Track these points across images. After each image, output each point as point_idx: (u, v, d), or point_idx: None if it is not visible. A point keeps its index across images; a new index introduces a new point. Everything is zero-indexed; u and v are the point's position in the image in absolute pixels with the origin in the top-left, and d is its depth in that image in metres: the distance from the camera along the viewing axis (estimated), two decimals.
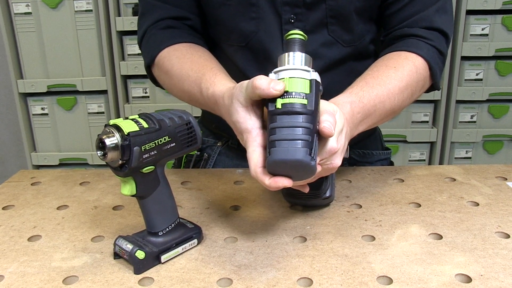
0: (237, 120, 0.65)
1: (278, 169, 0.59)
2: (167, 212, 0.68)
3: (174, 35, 0.90)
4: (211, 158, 1.04)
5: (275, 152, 0.58)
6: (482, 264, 0.64)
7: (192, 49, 0.88)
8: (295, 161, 0.57)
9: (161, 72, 0.90)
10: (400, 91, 0.80)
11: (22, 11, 2.10)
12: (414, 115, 2.23)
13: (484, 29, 2.08)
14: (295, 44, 0.64)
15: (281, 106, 0.59)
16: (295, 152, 0.57)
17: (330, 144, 0.62)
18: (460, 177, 0.93)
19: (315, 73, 0.62)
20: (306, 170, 0.59)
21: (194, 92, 0.81)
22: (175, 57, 0.86)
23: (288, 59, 0.63)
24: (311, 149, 0.58)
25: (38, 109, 2.26)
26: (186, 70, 0.83)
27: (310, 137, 0.58)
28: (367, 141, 1.05)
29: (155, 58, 0.90)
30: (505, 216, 0.77)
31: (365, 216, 0.78)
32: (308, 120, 0.59)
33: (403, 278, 0.61)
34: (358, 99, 0.74)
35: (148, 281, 0.62)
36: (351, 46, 0.90)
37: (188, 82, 0.82)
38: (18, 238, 0.73)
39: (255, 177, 0.61)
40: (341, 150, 0.66)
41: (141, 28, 0.94)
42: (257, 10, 0.86)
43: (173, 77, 0.86)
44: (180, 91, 0.86)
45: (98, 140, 0.59)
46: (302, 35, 0.65)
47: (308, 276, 0.62)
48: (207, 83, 0.77)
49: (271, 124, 0.60)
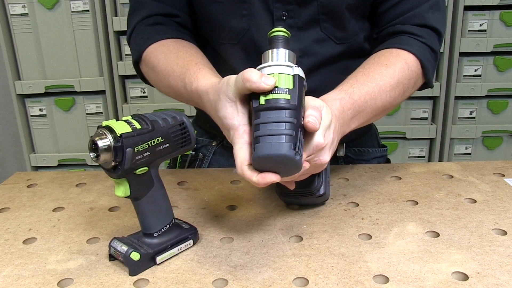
0: (224, 115, 0.64)
1: (264, 165, 0.59)
2: (162, 213, 0.67)
3: (161, 31, 0.89)
4: (206, 158, 1.04)
5: (259, 147, 0.58)
6: (479, 262, 0.64)
7: (179, 44, 0.87)
8: (279, 156, 0.57)
9: (147, 68, 0.89)
10: (391, 88, 0.79)
11: (18, 12, 2.10)
12: (413, 112, 2.23)
13: (482, 25, 2.07)
14: (278, 41, 0.65)
15: (264, 102, 0.60)
16: (279, 147, 0.57)
17: (317, 139, 0.62)
18: (458, 174, 0.92)
19: (298, 68, 0.62)
20: (292, 165, 0.59)
21: (179, 87, 0.80)
22: (161, 52, 0.86)
23: (271, 56, 0.64)
24: (296, 144, 0.58)
25: (36, 110, 2.26)
26: (171, 65, 0.82)
27: (294, 131, 0.58)
28: (363, 139, 1.05)
29: (142, 54, 0.89)
30: (502, 213, 0.77)
31: (362, 214, 0.78)
32: (291, 115, 0.59)
33: (400, 277, 0.61)
34: (348, 96, 0.74)
35: (143, 282, 0.62)
36: (344, 44, 0.90)
37: (173, 77, 0.81)
38: (13, 241, 0.73)
39: (241, 175, 0.60)
40: (329, 146, 0.65)
41: (130, 25, 0.93)
42: (249, 7, 0.86)
43: (159, 72, 0.85)
44: (166, 86, 0.86)
45: (90, 142, 0.59)
46: (285, 32, 0.65)
47: (304, 275, 0.62)
48: (190, 78, 0.76)
49: (255, 120, 0.60)
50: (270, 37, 0.66)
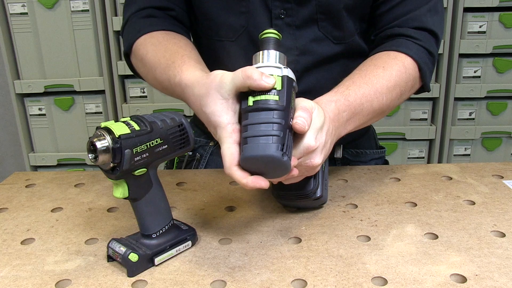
0: (212, 112, 0.64)
1: (252, 166, 0.59)
2: (161, 214, 0.67)
3: (153, 23, 0.88)
4: (203, 158, 1.04)
5: (247, 148, 0.58)
6: (477, 264, 0.64)
7: (169, 36, 0.86)
8: (266, 157, 0.58)
9: (137, 60, 0.89)
10: (388, 91, 0.79)
11: (18, 11, 2.10)
12: (412, 113, 2.23)
13: (481, 27, 2.07)
14: (269, 42, 0.65)
15: (252, 103, 0.60)
16: (266, 148, 0.57)
17: (307, 141, 0.62)
18: (457, 175, 0.92)
19: (288, 69, 0.63)
20: (279, 166, 0.59)
21: (163, 80, 0.80)
22: (150, 44, 0.85)
23: (262, 57, 0.65)
24: (283, 145, 0.58)
25: (36, 109, 2.26)
26: (158, 58, 0.81)
27: (281, 132, 0.58)
28: (361, 140, 1.05)
29: (132, 45, 0.88)
30: (501, 215, 0.77)
31: (360, 216, 0.78)
32: (279, 116, 0.59)
33: (398, 279, 0.61)
34: (344, 98, 0.74)
35: (141, 284, 0.62)
36: (341, 43, 0.90)
37: (159, 69, 0.81)
38: (11, 242, 0.73)
39: (230, 175, 0.60)
40: (321, 148, 0.65)
41: (124, 18, 0.93)
42: (247, 5, 0.86)
43: (146, 64, 0.85)
44: (153, 79, 0.85)
45: (89, 143, 0.59)
46: (276, 34, 0.66)
47: (302, 277, 0.62)
48: (174, 70, 0.76)
49: (244, 121, 0.60)
50: (261, 38, 0.66)
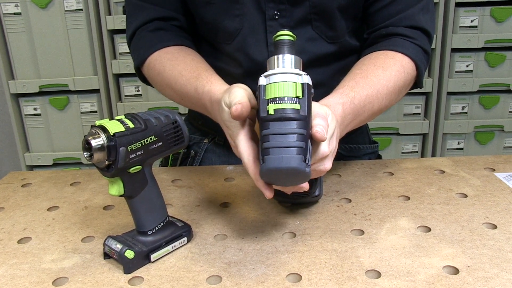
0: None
1: (272, 176, 0.59)
2: (156, 211, 0.68)
3: (163, 38, 0.90)
4: (198, 155, 1.04)
5: (269, 160, 0.57)
6: (470, 256, 0.65)
7: (184, 52, 0.88)
8: (290, 169, 0.56)
9: (153, 73, 0.90)
10: (388, 92, 0.80)
11: (11, 11, 2.09)
12: (406, 108, 2.24)
13: (473, 21, 2.08)
14: (284, 45, 0.62)
15: (273, 112, 0.57)
16: (290, 160, 0.56)
17: (322, 149, 0.62)
18: (449, 169, 0.93)
19: (307, 76, 0.60)
20: (300, 176, 0.58)
21: (187, 91, 0.81)
22: (167, 59, 0.86)
23: (277, 62, 0.61)
24: (305, 156, 0.57)
25: (31, 109, 2.25)
26: (179, 71, 0.83)
27: (304, 143, 0.57)
28: (354, 135, 1.05)
29: (145, 60, 0.90)
30: (492, 207, 0.78)
31: (354, 210, 0.79)
32: (301, 126, 0.57)
33: (391, 272, 0.62)
34: (350, 100, 0.74)
35: (138, 280, 0.63)
36: (335, 43, 0.90)
37: (180, 81, 0.82)
38: (8, 241, 0.73)
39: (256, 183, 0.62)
40: (332, 154, 0.65)
41: (129, 29, 0.94)
42: (241, 7, 0.86)
43: (165, 78, 0.86)
44: (172, 91, 0.86)
45: (84, 141, 0.59)
46: (291, 35, 0.63)
47: (297, 271, 0.63)
48: (203, 81, 0.77)
49: (264, 130, 0.58)
50: (275, 41, 0.63)
